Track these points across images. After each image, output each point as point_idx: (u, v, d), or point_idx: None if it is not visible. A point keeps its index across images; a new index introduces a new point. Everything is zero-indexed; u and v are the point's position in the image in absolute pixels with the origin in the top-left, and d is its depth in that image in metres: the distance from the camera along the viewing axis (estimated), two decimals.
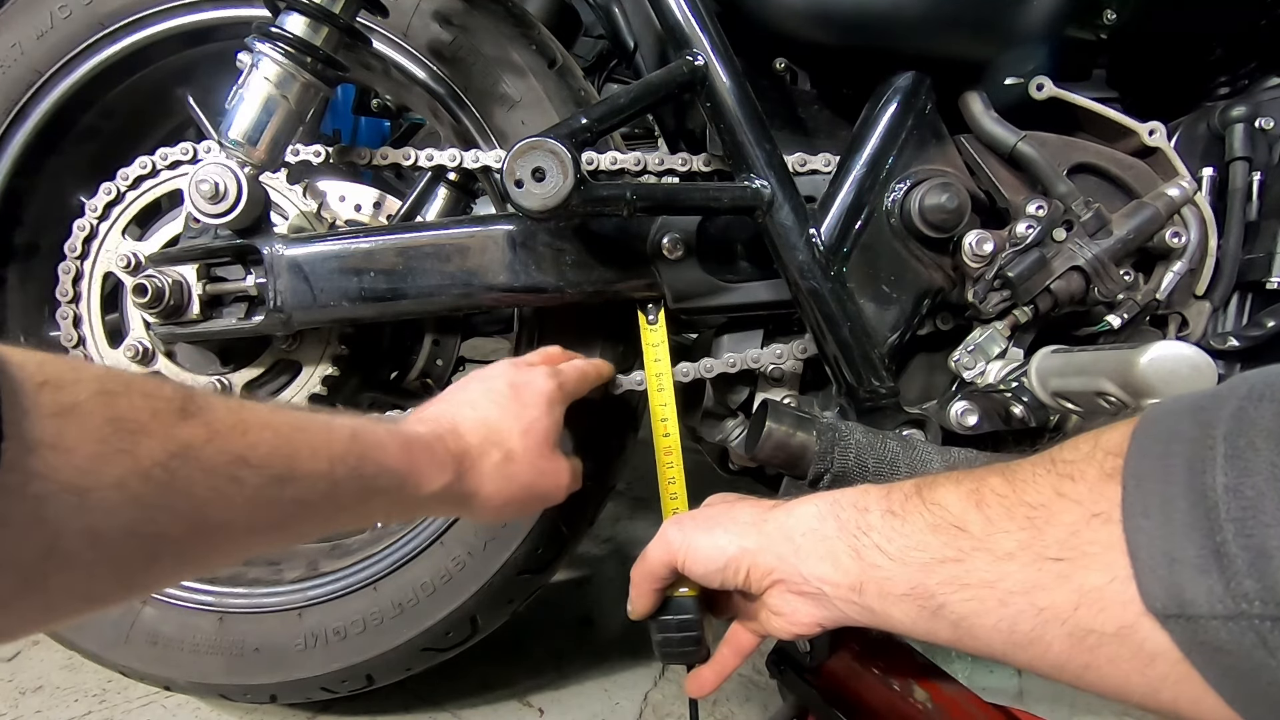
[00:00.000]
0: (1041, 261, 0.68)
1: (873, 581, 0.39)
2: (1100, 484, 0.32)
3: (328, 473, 0.39)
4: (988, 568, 0.34)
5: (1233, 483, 0.27)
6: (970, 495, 0.37)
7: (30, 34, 0.79)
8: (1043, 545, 0.33)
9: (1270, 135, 0.73)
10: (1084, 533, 0.31)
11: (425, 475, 0.48)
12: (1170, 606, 0.28)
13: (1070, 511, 0.32)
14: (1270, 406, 0.27)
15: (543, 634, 1.09)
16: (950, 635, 0.37)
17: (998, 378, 0.70)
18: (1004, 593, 0.34)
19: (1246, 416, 0.28)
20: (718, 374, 0.75)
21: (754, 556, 0.45)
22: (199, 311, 0.71)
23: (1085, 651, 0.31)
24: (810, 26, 0.71)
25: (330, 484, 0.40)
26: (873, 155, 0.69)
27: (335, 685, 0.86)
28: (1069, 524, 0.32)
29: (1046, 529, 0.33)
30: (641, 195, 0.64)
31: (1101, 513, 0.31)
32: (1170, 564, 0.28)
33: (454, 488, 0.50)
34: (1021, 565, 0.33)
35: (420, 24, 0.77)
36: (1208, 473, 0.28)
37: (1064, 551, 0.32)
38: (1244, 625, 0.26)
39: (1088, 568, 0.31)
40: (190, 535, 0.32)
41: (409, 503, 0.48)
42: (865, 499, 0.42)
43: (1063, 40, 0.69)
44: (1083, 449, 0.34)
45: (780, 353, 0.74)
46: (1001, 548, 0.34)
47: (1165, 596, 0.28)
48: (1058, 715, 0.95)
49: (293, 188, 0.81)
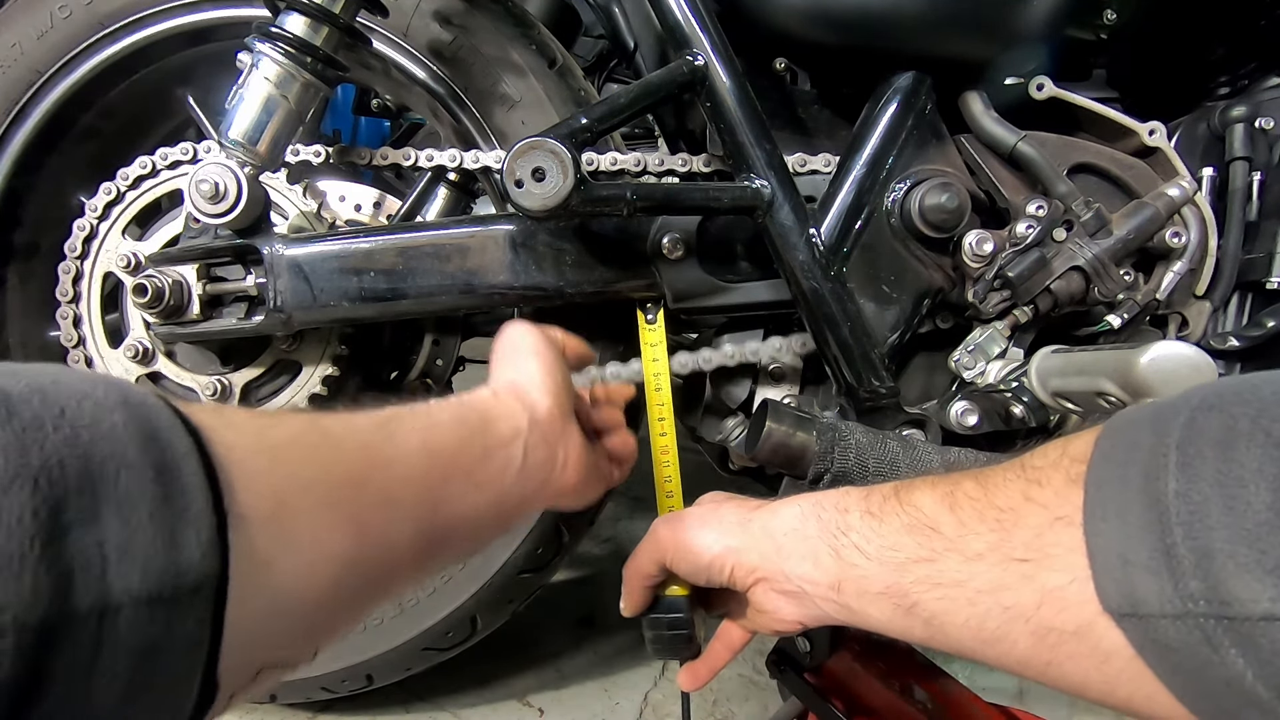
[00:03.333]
0: (1041, 261, 0.68)
1: (851, 580, 0.41)
2: (1065, 489, 0.33)
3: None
4: (958, 568, 0.36)
5: (1182, 488, 0.28)
6: (944, 498, 0.38)
7: (30, 34, 0.79)
8: (1010, 547, 0.34)
9: (1270, 135, 0.73)
10: (1048, 535, 0.33)
11: (502, 418, 0.45)
12: (1124, 606, 0.29)
13: (1036, 515, 0.33)
14: (1218, 417, 0.29)
15: (543, 634, 1.09)
16: (923, 633, 0.38)
17: (998, 378, 0.70)
18: (973, 592, 0.35)
19: (1196, 426, 0.29)
20: (716, 366, 0.75)
21: (738, 555, 0.46)
22: (199, 311, 0.71)
23: (1047, 649, 0.33)
24: (810, 26, 0.71)
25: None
26: (873, 155, 0.69)
27: (335, 685, 0.86)
28: (1034, 527, 0.33)
29: (1014, 531, 0.34)
30: (641, 195, 0.64)
31: (1064, 516, 0.32)
32: (1125, 565, 0.29)
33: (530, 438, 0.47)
34: (990, 565, 0.34)
35: (420, 24, 0.77)
36: (1160, 479, 0.29)
37: (1029, 553, 0.33)
38: (1190, 624, 0.27)
39: (1050, 568, 0.32)
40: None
41: (497, 458, 0.44)
42: (846, 500, 0.43)
43: (1063, 40, 0.69)
44: (1051, 456, 0.35)
45: (779, 347, 0.74)
46: (971, 549, 0.35)
47: (1119, 596, 0.29)
48: (1057, 715, 0.95)
49: (293, 188, 0.81)
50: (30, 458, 0.20)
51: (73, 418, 0.22)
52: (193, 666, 0.23)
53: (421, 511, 0.37)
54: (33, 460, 0.20)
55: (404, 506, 0.36)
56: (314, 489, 0.31)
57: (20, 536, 0.19)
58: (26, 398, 0.22)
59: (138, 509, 0.22)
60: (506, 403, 0.47)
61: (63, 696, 0.20)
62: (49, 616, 0.19)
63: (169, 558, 0.22)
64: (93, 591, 0.20)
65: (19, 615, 0.19)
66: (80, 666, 0.20)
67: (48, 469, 0.21)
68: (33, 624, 0.19)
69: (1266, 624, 0.25)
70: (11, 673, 0.19)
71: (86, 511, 0.21)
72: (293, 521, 0.29)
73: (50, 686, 0.19)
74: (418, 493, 0.37)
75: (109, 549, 0.21)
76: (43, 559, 0.20)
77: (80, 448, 0.22)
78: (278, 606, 0.27)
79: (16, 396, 0.21)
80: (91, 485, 0.21)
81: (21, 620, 0.19)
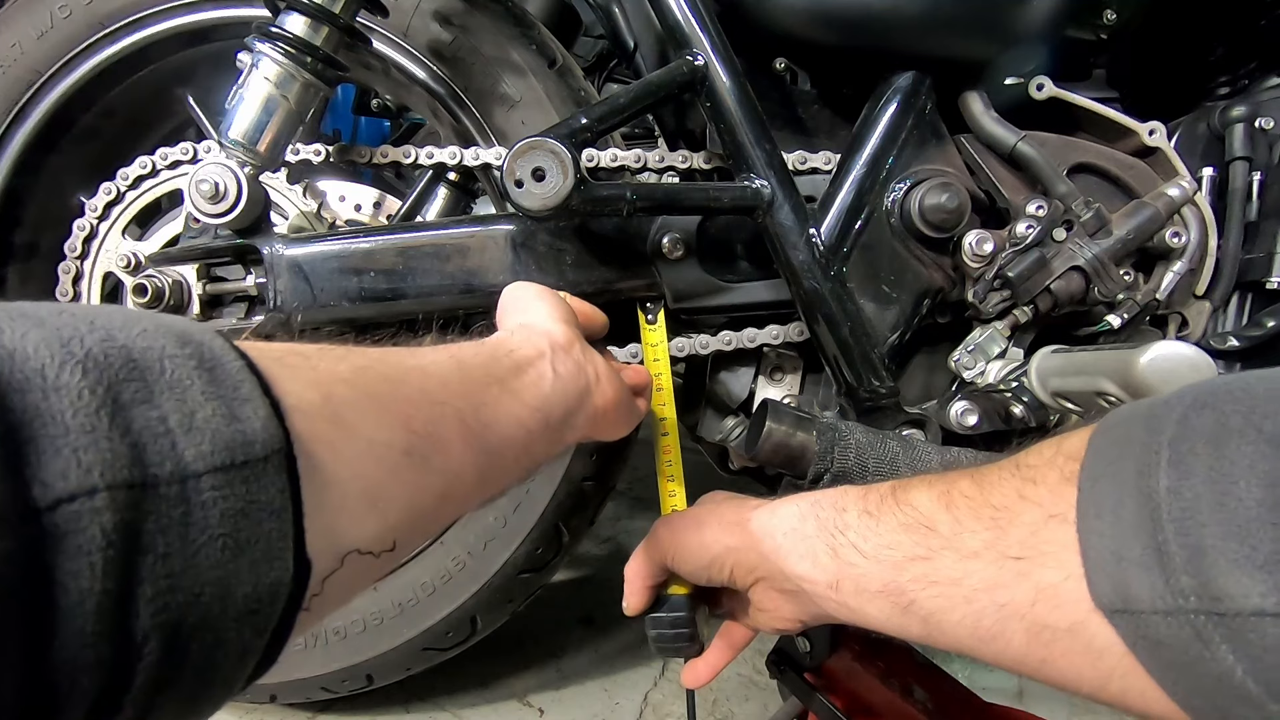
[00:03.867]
0: (1041, 261, 0.68)
1: (849, 579, 0.41)
2: (1059, 487, 0.33)
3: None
4: (954, 566, 0.36)
5: (1174, 485, 0.28)
6: (941, 497, 0.38)
7: (30, 34, 0.79)
8: (1005, 545, 0.34)
9: (1270, 135, 0.73)
10: (1042, 532, 0.33)
11: (522, 345, 0.46)
12: (1116, 602, 0.29)
13: (1031, 513, 0.34)
14: (1210, 414, 0.29)
15: (543, 634, 1.09)
16: (920, 631, 0.38)
17: (998, 378, 0.70)
18: (969, 590, 0.35)
19: (1189, 424, 0.29)
20: (713, 351, 0.74)
21: (738, 555, 0.46)
22: (199, 311, 0.71)
23: (1042, 646, 0.33)
24: (810, 26, 0.71)
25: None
26: (873, 155, 0.69)
27: (335, 685, 0.86)
28: (1029, 524, 0.33)
29: (1009, 529, 0.34)
30: (641, 195, 0.64)
31: (1059, 514, 0.32)
32: (1117, 562, 0.29)
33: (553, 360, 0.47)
34: (985, 564, 0.34)
35: (420, 24, 0.77)
36: (1153, 476, 0.29)
37: (1024, 551, 0.33)
38: (1182, 620, 0.27)
39: (1045, 566, 0.32)
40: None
41: (523, 376, 0.44)
42: (844, 499, 0.43)
43: (1063, 40, 0.69)
44: (1045, 454, 0.35)
45: (777, 334, 0.74)
46: (967, 547, 0.35)
47: (1112, 593, 0.29)
48: (1057, 715, 0.96)
49: (293, 187, 0.81)
50: (73, 348, 0.20)
51: (104, 324, 0.22)
52: (283, 532, 0.24)
53: (465, 411, 0.37)
54: (75, 351, 0.20)
55: (446, 405, 0.36)
56: (355, 383, 0.31)
57: (86, 410, 0.20)
58: (55, 313, 0.22)
59: (190, 391, 0.22)
60: (522, 334, 0.48)
61: (164, 553, 0.20)
62: (134, 478, 0.20)
63: (234, 430, 0.23)
64: (169, 459, 0.21)
65: (105, 474, 0.19)
66: (175, 525, 0.21)
67: (93, 358, 0.21)
68: (121, 483, 0.19)
69: (1257, 619, 0.25)
70: (114, 527, 0.19)
71: (140, 394, 0.21)
72: (342, 409, 0.29)
73: (152, 541, 0.20)
74: (456, 393, 0.37)
75: (172, 424, 0.21)
76: (113, 429, 0.20)
77: (119, 342, 0.22)
78: (346, 490, 0.28)
79: (46, 311, 0.22)
80: (139, 372, 0.22)
81: (110, 479, 0.19)
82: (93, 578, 0.19)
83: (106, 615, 0.19)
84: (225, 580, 0.22)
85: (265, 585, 0.23)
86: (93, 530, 0.19)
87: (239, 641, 0.23)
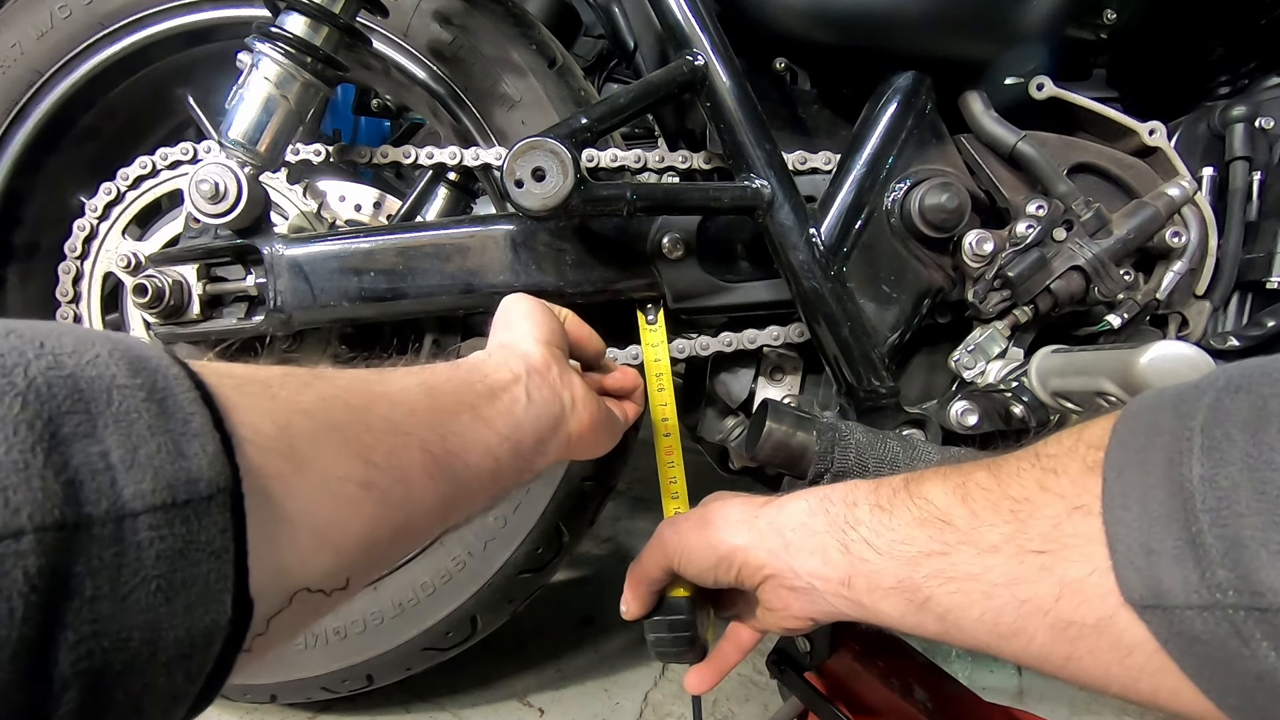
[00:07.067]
0: (1041, 261, 0.68)
1: (861, 575, 0.40)
2: (1082, 477, 0.32)
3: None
4: (972, 560, 0.34)
5: (1208, 473, 0.27)
6: (956, 490, 0.37)
7: (30, 34, 0.79)
8: (1026, 538, 0.33)
9: (1270, 135, 0.73)
10: (1065, 525, 0.32)
11: (498, 368, 0.45)
12: (1147, 597, 0.28)
13: (1053, 505, 0.32)
14: (1245, 398, 0.27)
15: (543, 634, 1.09)
16: (937, 628, 0.37)
17: (998, 378, 0.70)
18: (988, 585, 0.34)
19: (1223, 408, 0.28)
20: (713, 352, 0.74)
21: (746, 553, 0.45)
22: (199, 311, 0.71)
23: (1067, 643, 0.32)
24: (810, 26, 0.71)
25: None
26: (873, 155, 0.69)
27: (335, 685, 0.86)
28: (1051, 517, 0.32)
29: (1030, 522, 0.33)
30: (641, 195, 0.64)
31: (1082, 505, 0.31)
32: (1147, 555, 0.28)
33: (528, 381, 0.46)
34: (1005, 558, 0.33)
35: (420, 24, 0.77)
36: (1185, 464, 0.28)
37: (1046, 544, 0.32)
38: (1219, 615, 0.26)
39: (1069, 560, 0.31)
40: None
41: (494, 402, 0.44)
42: (854, 494, 0.42)
43: (1063, 40, 0.69)
44: (1065, 443, 0.34)
45: (777, 335, 0.74)
46: (986, 541, 0.34)
47: (1142, 588, 0.28)
48: (1057, 715, 0.95)
49: (293, 187, 0.81)
50: (14, 378, 0.20)
51: (53, 348, 0.21)
52: (222, 575, 0.23)
53: (430, 441, 0.36)
54: (17, 381, 0.20)
55: (410, 435, 0.35)
56: (314, 414, 0.30)
57: (20, 446, 0.19)
58: (2, 334, 0.21)
59: (136, 425, 0.22)
60: (500, 356, 0.47)
61: (92, 596, 0.20)
62: (65, 518, 0.19)
63: (178, 467, 0.22)
64: (105, 498, 0.20)
65: (34, 516, 0.18)
66: (106, 568, 0.20)
67: (35, 389, 0.20)
68: (51, 524, 0.19)
69: None
70: (38, 571, 0.18)
71: (82, 428, 0.20)
72: (298, 442, 0.28)
73: (79, 586, 0.19)
74: (422, 422, 0.37)
75: (114, 460, 0.21)
76: (48, 466, 0.19)
77: (66, 370, 0.21)
78: (297, 526, 0.27)
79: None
80: (84, 404, 0.21)
81: (38, 520, 0.18)
82: (10, 624, 0.18)
83: (22, 663, 0.18)
84: (156, 624, 0.21)
85: (200, 629, 0.22)
86: (15, 574, 0.18)
87: (169, 686, 0.22)
